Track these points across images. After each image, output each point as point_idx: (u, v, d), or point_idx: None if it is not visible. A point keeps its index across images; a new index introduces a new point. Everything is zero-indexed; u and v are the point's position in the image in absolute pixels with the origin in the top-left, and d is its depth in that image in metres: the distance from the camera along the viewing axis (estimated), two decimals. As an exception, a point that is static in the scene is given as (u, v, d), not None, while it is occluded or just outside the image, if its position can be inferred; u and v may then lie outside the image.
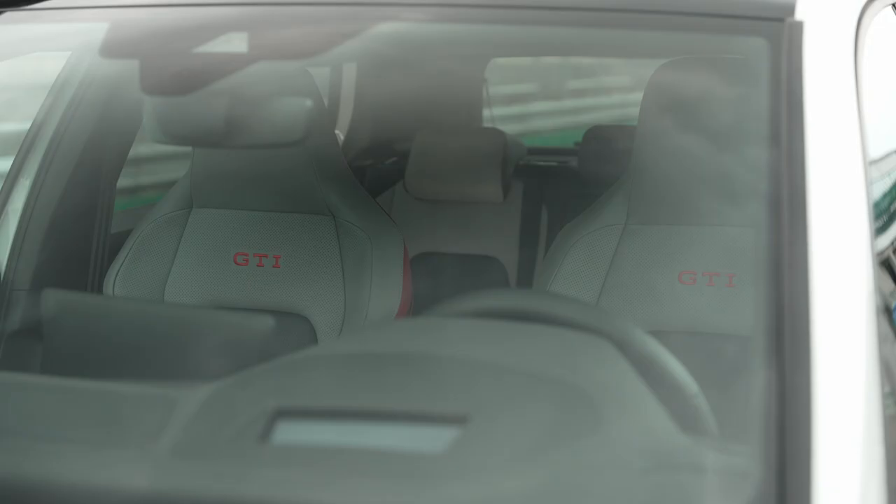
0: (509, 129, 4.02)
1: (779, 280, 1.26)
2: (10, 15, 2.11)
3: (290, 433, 1.23)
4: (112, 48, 1.84)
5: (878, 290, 1.34)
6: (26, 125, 2.76)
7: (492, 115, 4.30)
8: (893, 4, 1.99)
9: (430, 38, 2.23)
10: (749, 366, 2.11)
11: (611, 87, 11.11)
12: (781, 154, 1.39)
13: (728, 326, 2.26)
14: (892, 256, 1.63)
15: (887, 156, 1.76)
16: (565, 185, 3.57)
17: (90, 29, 2.24)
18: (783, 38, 1.55)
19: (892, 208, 1.74)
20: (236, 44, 1.72)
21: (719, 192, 2.25)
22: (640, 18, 1.89)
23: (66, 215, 2.66)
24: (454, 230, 3.50)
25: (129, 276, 2.56)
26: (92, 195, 2.69)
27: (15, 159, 2.69)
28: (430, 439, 1.20)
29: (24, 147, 2.69)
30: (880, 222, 1.63)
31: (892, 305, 1.54)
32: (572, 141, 4.26)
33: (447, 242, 3.46)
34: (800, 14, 1.60)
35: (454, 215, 3.50)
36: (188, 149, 2.65)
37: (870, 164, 1.50)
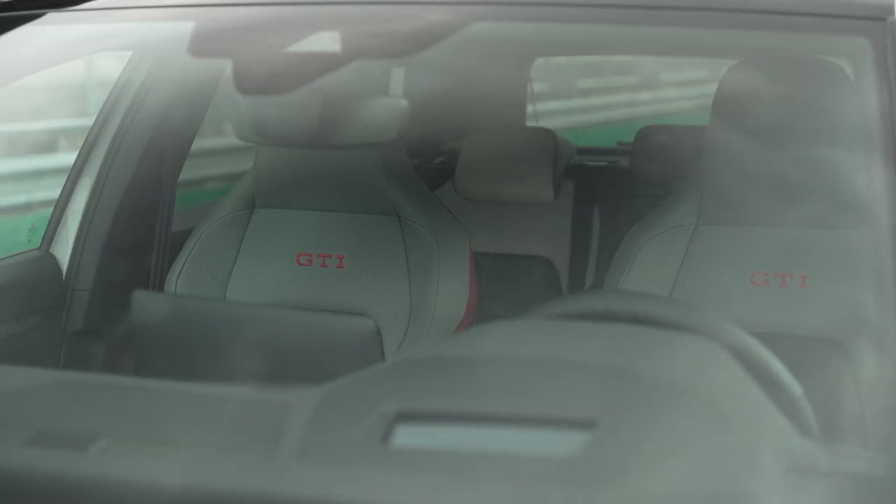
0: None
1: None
2: (53, 16, 2.11)
3: (410, 437, 1.21)
4: (198, 47, 1.83)
5: None
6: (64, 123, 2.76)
7: (535, 110, 4.29)
8: None
9: (478, 37, 2.21)
10: (848, 368, 2.09)
11: (619, 86, 11.12)
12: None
13: (803, 327, 2.25)
14: None
15: None
16: (617, 184, 3.55)
17: (137, 29, 2.23)
18: (887, 37, 1.53)
19: None
20: (326, 43, 1.71)
21: (799, 193, 2.23)
22: (727, 17, 1.88)
23: (127, 215, 2.66)
24: (505, 230, 3.48)
25: (191, 275, 2.55)
26: (153, 195, 2.69)
27: (76, 161, 2.69)
28: (557, 443, 1.18)
29: (85, 148, 2.68)
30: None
31: None
32: (579, 141, 4.22)
33: (498, 243, 3.45)
34: (901, 13, 1.59)
35: (505, 215, 3.49)
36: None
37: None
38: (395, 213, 2.52)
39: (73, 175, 2.67)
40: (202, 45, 2.21)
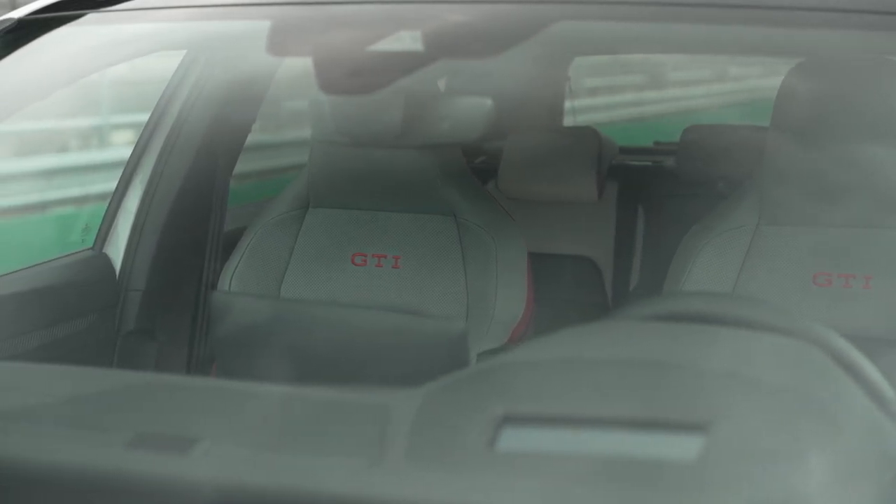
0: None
1: None
2: (94, 16, 2.10)
3: (517, 440, 1.20)
4: (278, 46, 1.82)
5: None
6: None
7: (573, 106, 4.28)
8: None
9: (516, 36, 2.20)
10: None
11: (624, 85, 11.11)
12: None
13: (866, 329, 2.23)
14: None
15: None
16: (662, 184, 3.53)
17: (182, 28, 2.23)
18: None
19: None
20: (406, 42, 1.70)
21: (862, 193, 2.21)
22: (790, 16, 1.87)
23: (181, 214, 2.65)
24: (548, 230, 3.46)
25: (245, 275, 2.54)
26: (206, 194, 2.68)
27: (129, 160, 2.68)
28: (667, 447, 1.17)
29: (139, 148, 2.68)
30: None
31: None
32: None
33: (541, 243, 3.42)
34: None
35: (548, 215, 3.47)
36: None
37: None
38: (452, 213, 2.50)
39: (126, 174, 2.66)
40: (250, 42, 2.20)
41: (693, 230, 2.40)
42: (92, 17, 2.12)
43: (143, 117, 2.71)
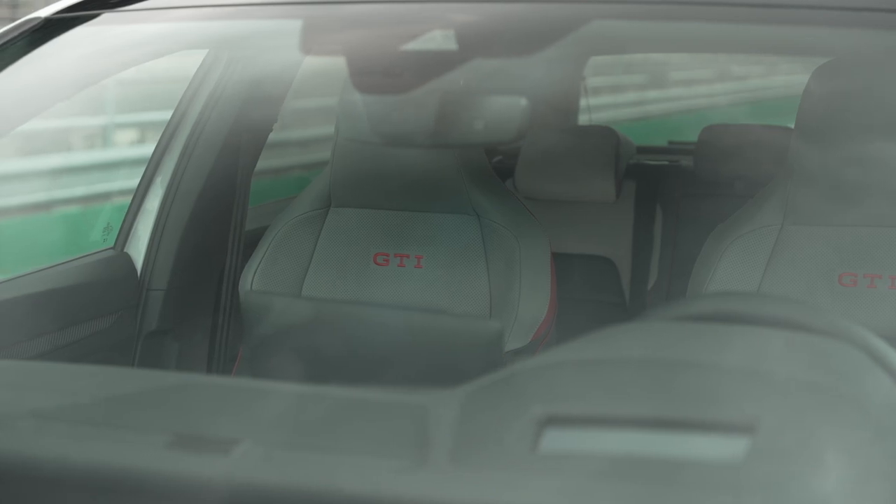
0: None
1: None
2: (119, 16, 2.10)
3: (559, 441, 1.20)
4: (312, 45, 1.81)
5: None
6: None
7: (588, 104, 4.28)
8: None
9: (538, 34, 2.20)
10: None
11: (626, 84, 11.11)
12: None
13: (893, 329, 2.22)
14: None
15: None
16: (680, 184, 3.52)
17: (201, 27, 2.22)
18: None
19: None
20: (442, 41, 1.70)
21: (889, 192, 2.21)
22: (817, 15, 1.86)
23: (202, 214, 2.65)
24: (565, 230, 3.46)
25: (267, 274, 2.54)
26: (228, 193, 2.67)
27: (150, 160, 2.68)
28: (711, 448, 1.16)
29: (160, 148, 2.67)
30: None
31: None
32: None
33: (558, 242, 3.42)
34: None
35: (565, 215, 3.46)
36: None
37: None
38: (475, 213, 2.49)
39: (148, 173, 2.66)
40: (271, 41, 2.19)
41: (718, 229, 2.39)
42: (117, 17, 2.12)
43: (147, 117, 2.72)
